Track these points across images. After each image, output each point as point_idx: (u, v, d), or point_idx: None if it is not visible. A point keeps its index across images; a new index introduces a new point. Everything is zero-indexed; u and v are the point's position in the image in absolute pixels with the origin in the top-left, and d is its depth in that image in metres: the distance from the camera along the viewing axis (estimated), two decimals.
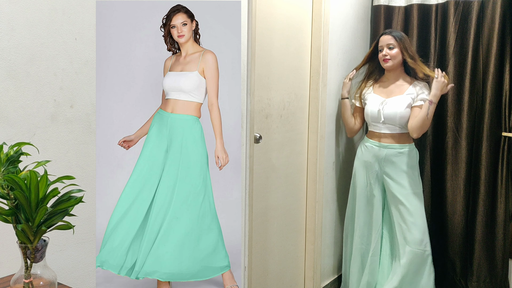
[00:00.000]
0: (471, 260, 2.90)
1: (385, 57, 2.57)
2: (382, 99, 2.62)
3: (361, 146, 2.75)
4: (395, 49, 2.55)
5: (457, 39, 2.85)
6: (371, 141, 2.68)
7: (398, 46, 2.55)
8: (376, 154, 2.65)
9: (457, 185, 2.90)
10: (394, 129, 2.60)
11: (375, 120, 2.64)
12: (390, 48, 2.55)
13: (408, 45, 2.57)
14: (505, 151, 2.76)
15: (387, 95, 2.63)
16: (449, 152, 2.90)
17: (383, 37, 2.60)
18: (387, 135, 2.61)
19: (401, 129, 2.60)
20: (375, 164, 2.66)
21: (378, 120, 2.62)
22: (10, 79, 1.36)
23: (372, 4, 3.18)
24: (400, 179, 2.59)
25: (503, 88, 2.75)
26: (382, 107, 2.60)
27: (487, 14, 2.76)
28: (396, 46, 2.55)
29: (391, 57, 2.56)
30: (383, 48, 2.58)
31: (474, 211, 2.87)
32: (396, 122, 2.58)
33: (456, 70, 2.86)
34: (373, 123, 2.66)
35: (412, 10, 3.00)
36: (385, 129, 2.62)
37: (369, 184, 2.69)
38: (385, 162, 2.62)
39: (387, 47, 2.56)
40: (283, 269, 2.70)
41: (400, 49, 2.55)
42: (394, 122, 2.58)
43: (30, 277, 1.10)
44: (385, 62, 2.58)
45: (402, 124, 2.58)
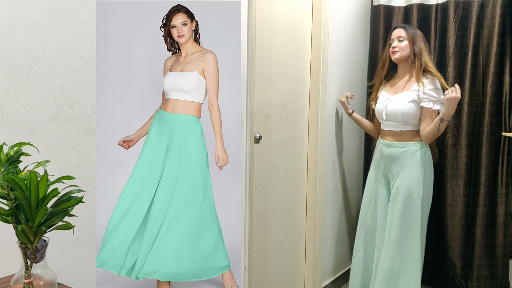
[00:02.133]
0: (471, 260, 2.90)
1: (394, 49, 2.54)
2: (388, 95, 2.58)
3: (376, 145, 2.73)
4: (405, 42, 2.51)
5: (457, 39, 2.85)
6: (380, 139, 2.66)
7: (407, 39, 2.51)
8: (382, 152, 2.62)
9: (457, 185, 2.90)
10: (397, 126, 2.54)
11: (380, 118, 2.62)
12: (400, 41, 2.52)
13: (418, 40, 2.51)
14: (505, 151, 2.76)
15: (394, 91, 2.58)
16: (449, 152, 2.90)
17: (395, 31, 2.57)
18: (390, 132, 2.58)
19: (404, 126, 2.52)
20: (381, 162, 2.64)
21: (382, 117, 2.60)
22: (10, 79, 1.36)
23: (372, 4, 3.18)
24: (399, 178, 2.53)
25: (503, 88, 2.75)
26: (386, 104, 2.56)
27: (487, 14, 2.76)
28: (405, 38, 2.51)
29: (399, 49, 2.52)
30: (394, 40, 2.55)
31: (474, 211, 2.87)
32: (398, 118, 2.51)
33: (456, 70, 2.86)
34: (380, 120, 2.65)
35: (412, 10, 3.00)
36: (388, 126, 2.58)
37: (376, 182, 2.67)
38: (389, 161, 2.60)
39: (398, 39, 2.53)
40: (283, 269, 2.70)
41: (409, 42, 2.51)
42: (396, 119, 2.52)
43: (30, 277, 1.10)
44: (393, 54, 2.55)
45: (406, 120, 2.50)
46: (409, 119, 2.50)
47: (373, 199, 2.70)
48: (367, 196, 2.75)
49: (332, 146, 2.93)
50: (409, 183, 2.48)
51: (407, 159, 2.51)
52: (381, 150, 2.63)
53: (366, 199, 2.75)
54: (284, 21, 2.50)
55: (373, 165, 2.73)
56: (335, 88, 2.88)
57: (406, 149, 2.52)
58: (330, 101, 2.85)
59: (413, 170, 2.49)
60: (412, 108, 2.48)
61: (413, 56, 2.51)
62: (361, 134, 3.26)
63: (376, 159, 2.68)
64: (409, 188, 2.48)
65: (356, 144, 3.21)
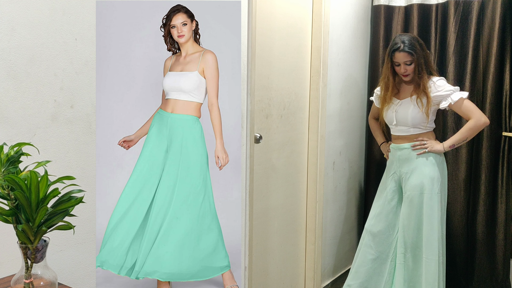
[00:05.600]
0: (471, 259, 2.90)
1: (405, 73, 2.47)
2: (398, 101, 2.55)
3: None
4: (413, 64, 2.45)
5: (457, 39, 2.85)
6: (392, 144, 2.62)
7: (414, 62, 2.44)
8: (394, 155, 2.59)
9: (457, 185, 2.90)
10: (407, 130, 2.52)
11: (389, 123, 2.58)
12: (408, 64, 2.45)
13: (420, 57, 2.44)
14: (506, 151, 2.76)
15: (403, 95, 2.55)
16: (449, 151, 2.90)
17: (398, 54, 2.46)
18: (401, 136, 2.56)
19: (414, 130, 2.51)
20: (392, 165, 2.62)
21: (391, 122, 2.56)
22: (10, 79, 1.36)
23: (372, 4, 3.18)
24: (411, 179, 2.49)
25: (503, 88, 2.75)
26: (396, 109, 2.53)
27: (487, 14, 2.76)
28: (413, 61, 2.44)
29: (409, 72, 2.46)
30: (401, 64, 2.47)
31: (474, 211, 2.87)
32: (408, 123, 2.50)
33: (456, 70, 2.86)
34: (389, 125, 2.61)
35: (412, 10, 3.00)
36: (398, 131, 2.56)
37: (389, 185, 2.62)
38: (401, 163, 2.57)
39: (404, 64, 2.46)
40: (283, 269, 2.70)
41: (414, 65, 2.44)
42: (406, 124, 2.51)
43: (31, 277, 1.10)
44: (404, 77, 2.49)
45: (416, 124, 2.48)
46: (418, 122, 2.49)
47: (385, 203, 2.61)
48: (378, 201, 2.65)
49: (332, 146, 2.93)
50: (422, 183, 2.45)
51: (419, 159, 2.49)
52: (393, 153, 2.61)
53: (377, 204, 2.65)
54: (284, 21, 2.50)
55: (386, 168, 2.68)
56: (335, 88, 2.88)
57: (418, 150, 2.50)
58: (330, 101, 2.85)
59: (426, 169, 2.46)
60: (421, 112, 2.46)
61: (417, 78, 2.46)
62: (361, 134, 3.26)
63: (389, 164, 2.65)
64: (422, 188, 2.44)
65: (357, 144, 3.21)
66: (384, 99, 2.58)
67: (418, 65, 2.44)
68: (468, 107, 2.43)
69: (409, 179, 2.50)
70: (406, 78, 2.50)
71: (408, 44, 2.44)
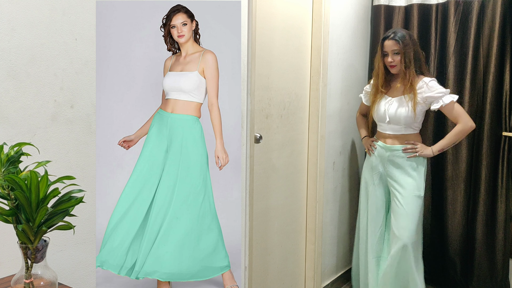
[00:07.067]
0: (471, 259, 2.90)
1: (391, 63, 2.49)
2: (389, 98, 2.56)
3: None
4: (400, 54, 2.46)
5: (458, 39, 2.85)
6: (379, 142, 2.62)
7: (400, 52, 2.45)
8: (381, 154, 2.61)
9: (457, 185, 2.90)
10: (399, 129, 2.53)
11: (381, 120, 2.59)
12: (396, 54, 2.47)
13: (409, 49, 2.45)
14: (506, 151, 2.76)
15: (395, 93, 2.55)
16: (449, 151, 2.90)
17: (387, 42, 2.49)
18: (391, 136, 2.57)
19: (406, 129, 2.53)
20: (379, 165, 2.64)
21: (384, 120, 2.57)
22: (10, 79, 1.36)
23: (372, 4, 3.18)
24: (401, 181, 2.53)
25: (503, 88, 2.75)
26: (388, 107, 2.54)
27: (487, 14, 2.76)
28: (399, 51, 2.45)
29: (396, 63, 2.48)
30: (388, 53, 2.49)
31: (474, 211, 2.87)
32: (401, 122, 2.51)
33: (456, 70, 2.86)
34: (379, 123, 2.63)
35: (412, 10, 3.00)
36: (389, 130, 2.57)
37: (373, 185, 2.65)
38: (388, 163, 2.59)
39: (392, 52, 2.47)
40: (284, 269, 2.70)
41: (401, 56, 2.45)
42: (399, 122, 2.52)
43: (31, 277, 1.10)
44: (391, 68, 2.51)
45: (408, 123, 2.50)
46: (411, 122, 2.50)
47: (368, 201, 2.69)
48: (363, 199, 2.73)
49: (332, 146, 2.93)
50: (413, 185, 2.51)
51: (408, 162, 2.53)
52: (380, 152, 2.62)
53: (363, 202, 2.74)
54: (284, 20, 2.50)
55: (369, 167, 2.69)
56: (335, 88, 2.88)
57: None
58: (330, 101, 2.85)
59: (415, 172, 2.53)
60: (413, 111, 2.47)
61: (404, 69, 2.46)
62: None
63: (373, 161, 2.66)
64: (413, 190, 2.51)
65: (357, 144, 3.21)
66: (376, 90, 2.60)
67: (405, 56, 2.45)
68: (457, 111, 2.46)
69: (400, 180, 2.54)
70: (393, 70, 2.52)
71: (398, 34, 2.48)
